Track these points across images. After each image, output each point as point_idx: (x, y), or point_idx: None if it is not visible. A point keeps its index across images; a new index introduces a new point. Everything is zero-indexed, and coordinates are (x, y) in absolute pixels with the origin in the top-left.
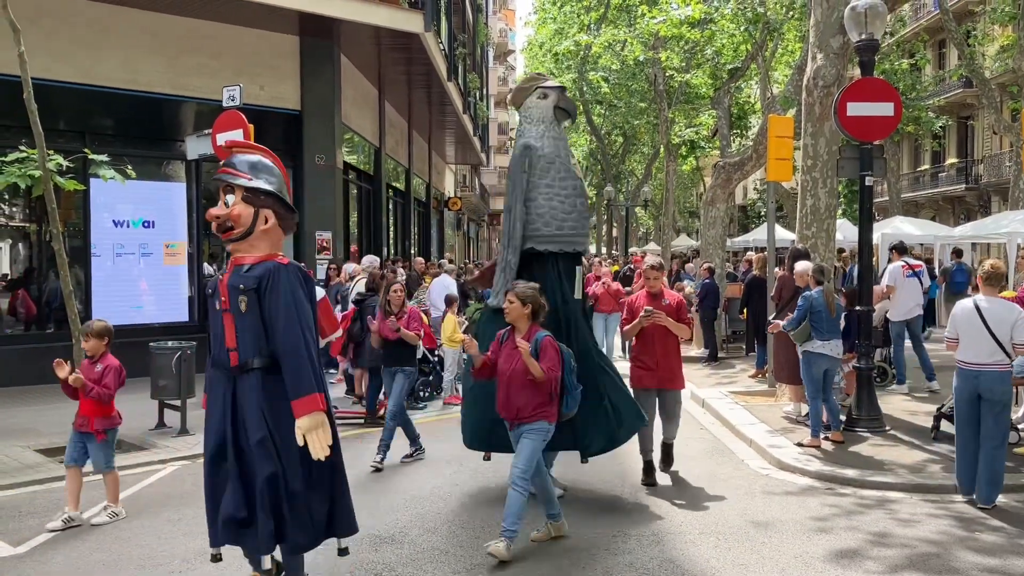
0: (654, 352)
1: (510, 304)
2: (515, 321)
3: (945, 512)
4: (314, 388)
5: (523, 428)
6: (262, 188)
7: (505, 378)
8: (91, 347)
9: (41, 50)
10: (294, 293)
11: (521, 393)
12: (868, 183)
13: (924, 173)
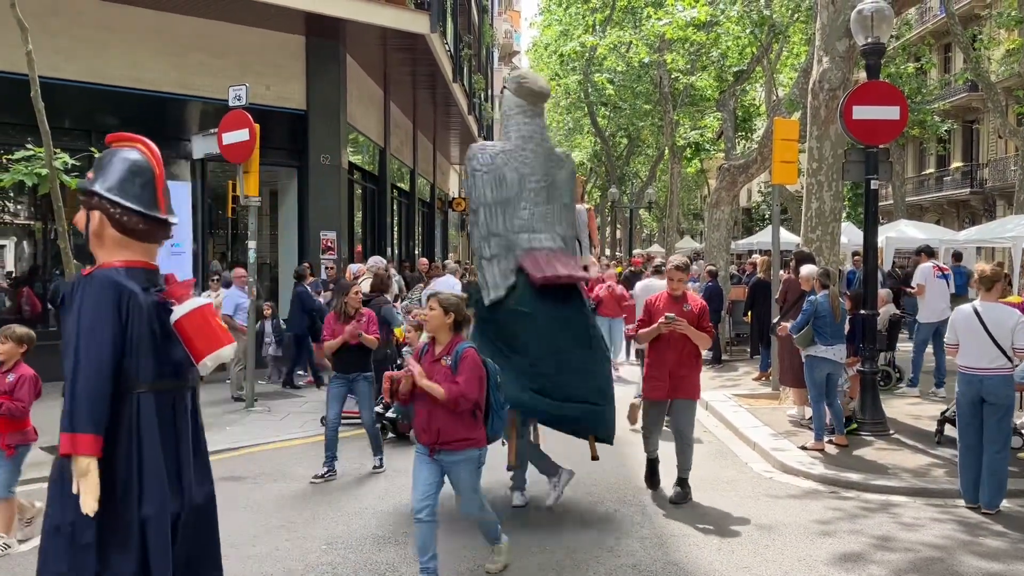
0: (668, 359)
1: (430, 311)
2: (435, 331)
3: (949, 516)
4: (66, 427)
5: (448, 458)
6: (88, 187)
7: (424, 395)
8: (6, 352)
9: (48, 49)
10: (84, 310)
11: (442, 413)
12: (873, 186)
13: (929, 177)
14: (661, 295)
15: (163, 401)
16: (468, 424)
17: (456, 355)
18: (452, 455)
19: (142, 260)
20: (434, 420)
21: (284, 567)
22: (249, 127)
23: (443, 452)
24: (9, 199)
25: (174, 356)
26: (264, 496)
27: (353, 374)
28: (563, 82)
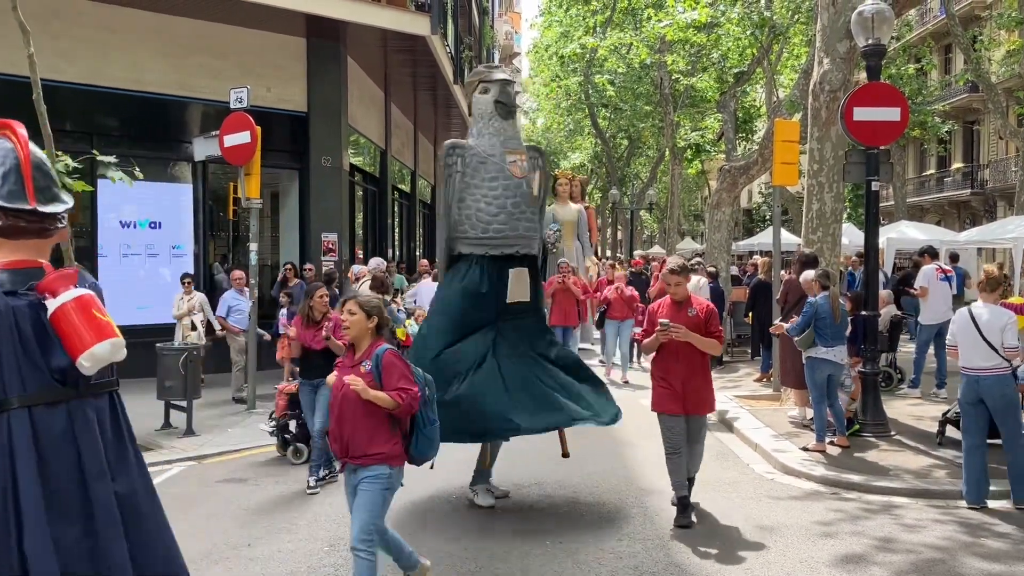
0: (677, 372)
1: (350, 316)
2: (357, 338)
3: (951, 518)
4: None
5: (358, 474)
6: None
7: (336, 401)
8: None
9: (49, 51)
10: None
11: (352, 422)
12: (874, 188)
13: (930, 178)
14: (664, 301)
15: (47, 417)
16: (383, 436)
17: (377, 360)
18: (361, 471)
19: (22, 260)
20: (344, 427)
21: (287, 569)
22: (250, 129)
23: (354, 467)
24: None
25: (57, 361)
26: (266, 498)
27: (318, 380)
28: (564, 83)
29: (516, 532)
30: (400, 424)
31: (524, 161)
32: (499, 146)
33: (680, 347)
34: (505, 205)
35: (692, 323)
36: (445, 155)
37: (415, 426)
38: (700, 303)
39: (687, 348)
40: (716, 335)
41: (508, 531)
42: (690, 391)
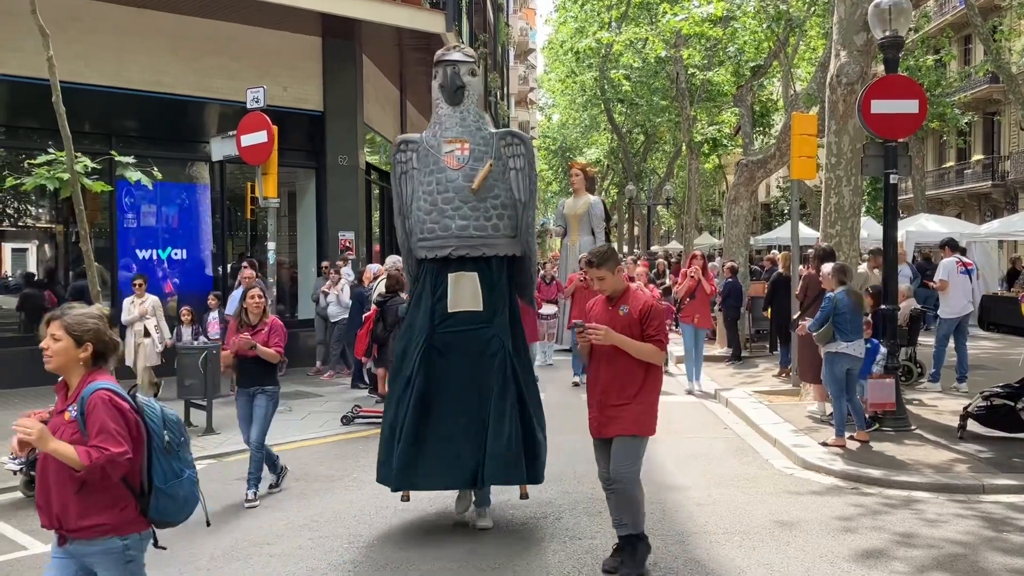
0: (597, 383)
1: (54, 342)
2: (64, 371)
3: (972, 512)
4: None
5: (81, 550)
6: None
7: (40, 461)
8: None
9: (68, 54)
10: None
11: (59, 487)
12: (893, 181)
13: (949, 170)
14: (598, 297)
15: None
16: (104, 501)
17: (82, 403)
18: (84, 546)
19: None
20: (51, 493)
21: (307, 566)
22: (267, 129)
23: (73, 542)
24: (31, 203)
25: None
26: (286, 495)
27: (253, 388)
28: (579, 79)
29: (535, 527)
30: (129, 481)
31: (465, 151)
32: (440, 135)
33: (606, 353)
34: (436, 201)
35: (623, 323)
36: (394, 152)
37: (151, 482)
38: (639, 299)
39: (614, 354)
40: (655, 339)
41: (527, 526)
42: (606, 405)
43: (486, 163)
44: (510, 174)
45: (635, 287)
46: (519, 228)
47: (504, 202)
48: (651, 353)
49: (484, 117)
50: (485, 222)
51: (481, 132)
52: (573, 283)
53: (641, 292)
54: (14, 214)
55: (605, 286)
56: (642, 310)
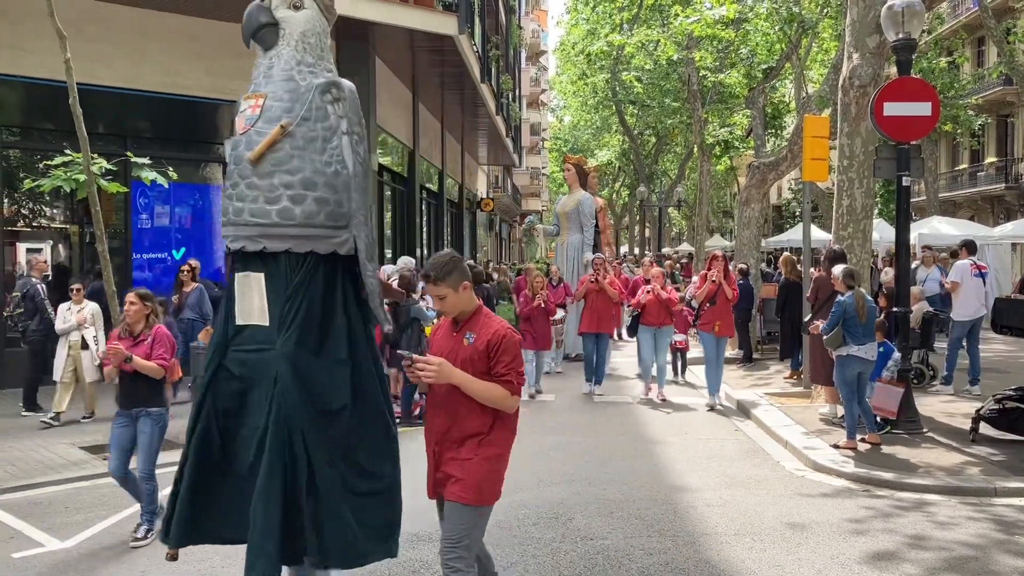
0: (432, 430)
1: None
2: None
3: (984, 515)
4: None
5: None
6: None
7: None
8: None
9: (85, 56)
10: None
11: None
12: (905, 183)
13: (962, 172)
14: (444, 320)
15: None
16: None
17: None
18: None
19: None
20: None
21: None
22: None
23: None
24: (46, 203)
25: None
26: None
27: (136, 409)
28: (591, 81)
29: (546, 528)
30: None
31: (257, 108)
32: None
33: (443, 393)
34: (232, 174)
35: (467, 355)
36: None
37: None
38: (489, 326)
39: (453, 396)
40: (505, 378)
41: (539, 527)
42: (443, 459)
43: (278, 123)
44: (336, 140)
45: (488, 313)
46: (347, 217)
47: (309, 179)
48: (498, 397)
49: (313, 63)
50: (267, 205)
51: (291, 83)
52: (584, 286)
53: (494, 318)
54: (29, 214)
55: (447, 306)
56: (491, 341)
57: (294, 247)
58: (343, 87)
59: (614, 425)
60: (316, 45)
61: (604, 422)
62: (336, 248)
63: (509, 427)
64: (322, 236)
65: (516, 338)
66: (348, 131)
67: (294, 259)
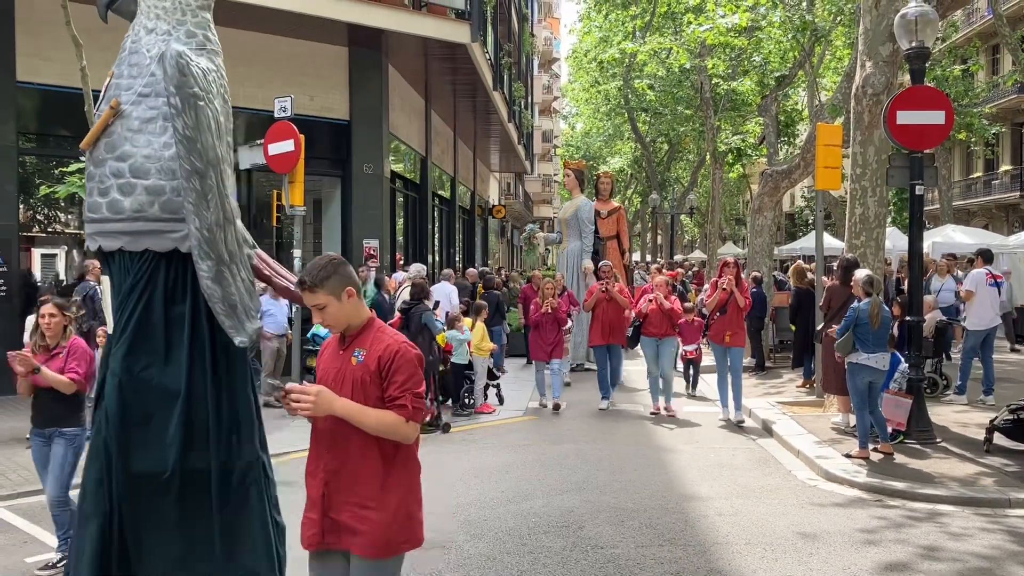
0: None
1: None
2: None
3: (998, 526)
4: None
5: None
6: None
7: None
8: None
9: (99, 63)
10: None
11: None
12: (918, 192)
13: (977, 180)
14: (331, 339)
15: None
16: None
17: None
18: None
19: None
20: None
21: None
22: (294, 138)
23: None
24: (60, 209)
25: None
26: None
27: (50, 429)
28: (603, 88)
29: (557, 536)
30: None
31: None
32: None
33: (327, 426)
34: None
35: (356, 377)
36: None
37: None
38: (381, 340)
39: (341, 429)
40: (398, 403)
41: (549, 535)
42: (335, 504)
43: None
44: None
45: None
46: (186, 210)
47: (140, 166)
48: (391, 426)
49: (168, 30)
50: (99, 198)
51: (136, 56)
52: (594, 295)
53: (388, 331)
54: (45, 220)
55: (328, 319)
56: (382, 357)
57: (127, 244)
58: (167, 53)
59: (625, 434)
60: (173, 9)
61: (614, 431)
62: (177, 245)
63: (412, 459)
64: (158, 231)
65: (412, 354)
66: (178, 109)
67: (128, 259)
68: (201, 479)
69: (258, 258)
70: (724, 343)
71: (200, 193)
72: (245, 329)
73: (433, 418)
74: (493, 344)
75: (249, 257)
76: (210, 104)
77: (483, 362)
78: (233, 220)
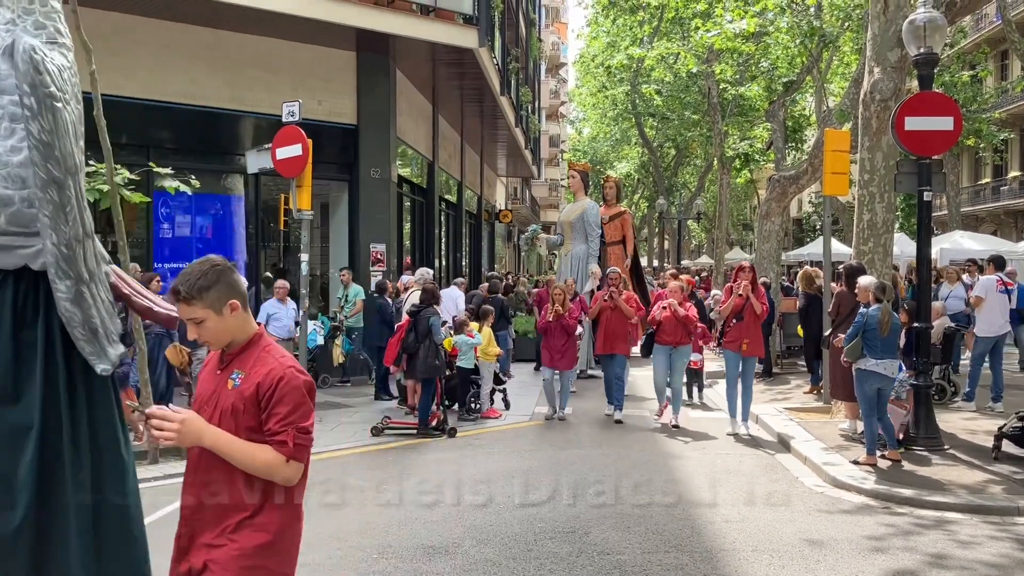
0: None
1: None
2: None
3: (1007, 534)
4: None
5: None
6: None
7: None
8: None
9: (108, 67)
10: None
11: None
12: (926, 198)
13: (985, 186)
14: (211, 355)
15: None
16: None
17: None
18: None
19: None
20: None
21: None
22: (302, 142)
23: None
24: None
25: None
26: (316, 505)
27: None
28: (610, 93)
29: (563, 542)
30: None
31: None
32: None
33: (193, 457)
34: None
35: (231, 402)
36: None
37: None
38: (265, 362)
39: (205, 458)
40: (277, 438)
41: (555, 540)
42: (193, 548)
43: None
44: None
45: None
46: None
47: None
48: (265, 464)
49: (11, 19)
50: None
51: None
52: (597, 303)
53: (275, 351)
54: None
55: (206, 335)
56: (262, 384)
57: None
58: (17, 46)
59: (631, 440)
60: None
61: (621, 436)
62: (28, 261)
63: (290, 505)
64: (6, 246)
65: (300, 381)
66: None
67: None
68: (60, 529)
69: (115, 275)
70: (741, 351)
71: (58, 205)
72: (107, 355)
73: (439, 423)
74: (500, 349)
75: (107, 275)
76: (67, 106)
77: (489, 367)
78: (91, 234)
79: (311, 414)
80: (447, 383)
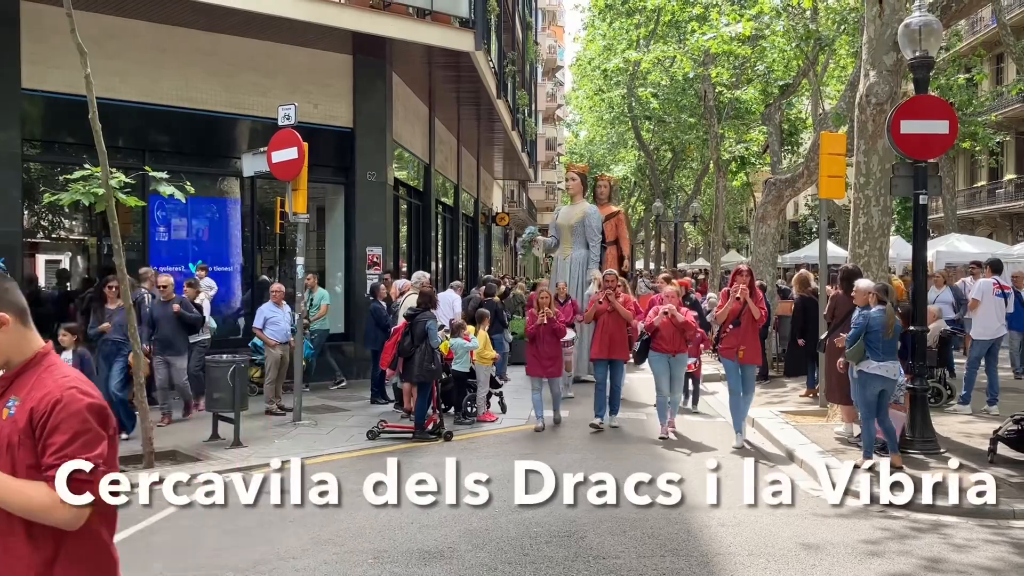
0: None
1: None
2: None
3: (1002, 538)
4: None
5: None
6: None
7: None
8: None
9: (104, 71)
10: None
11: None
12: (922, 201)
13: (981, 189)
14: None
15: None
16: None
17: None
18: None
19: None
20: None
21: None
22: (298, 146)
23: None
24: (64, 215)
25: None
26: (312, 509)
27: None
28: (607, 96)
29: (558, 546)
30: None
31: None
32: None
33: None
34: None
35: (6, 433)
36: None
37: None
38: (44, 383)
39: None
40: (51, 472)
41: (551, 545)
42: None
43: None
44: None
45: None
46: None
47: None
48: (42, 507)
49: None
50: None
51: None
52: (593, 307)
53: (58, 371)
54: (49, 227)
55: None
56: (36, 409)
57: None
58: None
59: (627, 444)
60: None
61: (617, 441)
62: None
63: (90, 554)
64: None
65: (82, 404)
66: None
67: None
68: None
69: None
70: (737, 359)
71: None
72: None
73: (435, 427)
74: (496, 353)
75: None
76: None
77: (485, 371)
78: None
79: (99, 443)
80: (443, 387)
